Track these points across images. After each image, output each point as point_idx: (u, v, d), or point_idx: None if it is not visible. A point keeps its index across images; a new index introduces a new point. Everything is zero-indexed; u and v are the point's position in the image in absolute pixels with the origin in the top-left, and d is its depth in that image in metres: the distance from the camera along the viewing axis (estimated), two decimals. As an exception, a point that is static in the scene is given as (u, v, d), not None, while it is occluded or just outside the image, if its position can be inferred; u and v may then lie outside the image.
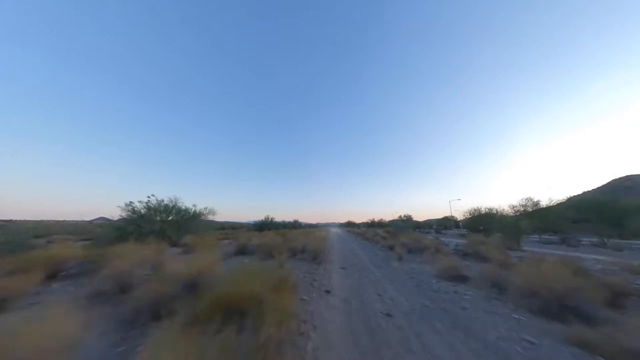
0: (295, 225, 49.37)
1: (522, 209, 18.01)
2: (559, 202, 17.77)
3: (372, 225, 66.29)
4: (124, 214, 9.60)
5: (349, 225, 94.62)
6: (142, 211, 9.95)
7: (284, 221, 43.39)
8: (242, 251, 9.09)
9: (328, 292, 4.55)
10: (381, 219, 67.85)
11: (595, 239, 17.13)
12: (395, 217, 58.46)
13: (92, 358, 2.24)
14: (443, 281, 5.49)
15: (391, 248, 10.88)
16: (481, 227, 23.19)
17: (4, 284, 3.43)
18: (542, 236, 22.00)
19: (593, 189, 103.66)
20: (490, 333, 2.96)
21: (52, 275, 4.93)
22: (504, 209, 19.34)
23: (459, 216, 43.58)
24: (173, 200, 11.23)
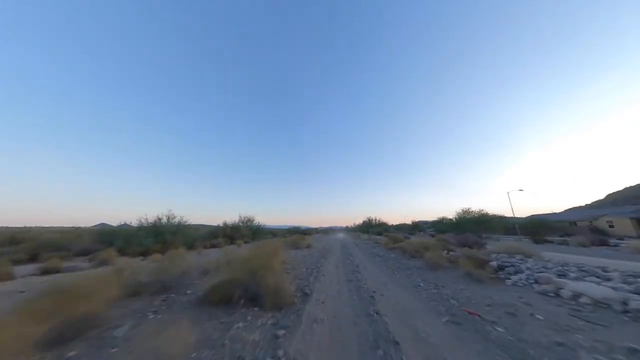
0: (250, 229, 24.43)
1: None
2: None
3: (440, 226, 32.47)
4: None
5: (368, 229, 46.52)
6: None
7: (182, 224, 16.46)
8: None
9: None
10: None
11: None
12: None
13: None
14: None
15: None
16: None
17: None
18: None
19: (638, 184, 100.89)
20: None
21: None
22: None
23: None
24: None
